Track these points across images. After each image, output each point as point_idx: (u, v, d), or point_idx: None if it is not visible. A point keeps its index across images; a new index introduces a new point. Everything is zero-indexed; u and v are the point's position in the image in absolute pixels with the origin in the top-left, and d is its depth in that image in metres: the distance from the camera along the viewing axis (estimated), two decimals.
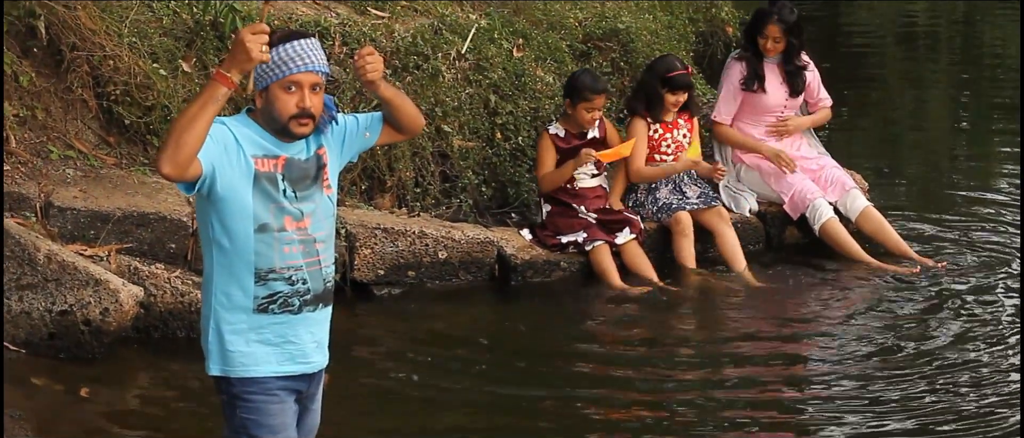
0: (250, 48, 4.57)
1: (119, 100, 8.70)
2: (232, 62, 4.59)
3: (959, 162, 12.74)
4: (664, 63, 9.54)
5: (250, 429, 4.89)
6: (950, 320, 8.48)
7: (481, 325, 8.64)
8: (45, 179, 8.20)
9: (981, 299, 8.83)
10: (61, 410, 7.02)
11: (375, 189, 9.45)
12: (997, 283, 9.10)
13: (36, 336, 7.40)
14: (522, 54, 10.20)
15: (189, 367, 7.40)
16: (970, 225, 10.38)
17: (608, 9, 11.15)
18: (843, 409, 7.21)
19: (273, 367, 4.88)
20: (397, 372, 7.74)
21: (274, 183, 4.79)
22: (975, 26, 20.58)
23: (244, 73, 4.63)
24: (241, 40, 4.58)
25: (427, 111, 9.54)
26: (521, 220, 9.69)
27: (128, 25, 8.89)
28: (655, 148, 9.47)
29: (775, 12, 9.67)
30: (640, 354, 8.12)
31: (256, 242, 4.78)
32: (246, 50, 4.57)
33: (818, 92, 10.00)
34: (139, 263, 7.90)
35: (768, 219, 9.85)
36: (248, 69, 4.63)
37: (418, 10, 10.36)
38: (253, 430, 4.89)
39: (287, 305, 4.86)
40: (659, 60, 9.67)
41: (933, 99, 15.87)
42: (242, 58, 4.59)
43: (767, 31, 9.68)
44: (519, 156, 9.80)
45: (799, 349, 8.24)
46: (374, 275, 8.75)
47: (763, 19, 9.73)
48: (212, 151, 4.66)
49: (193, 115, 4.53)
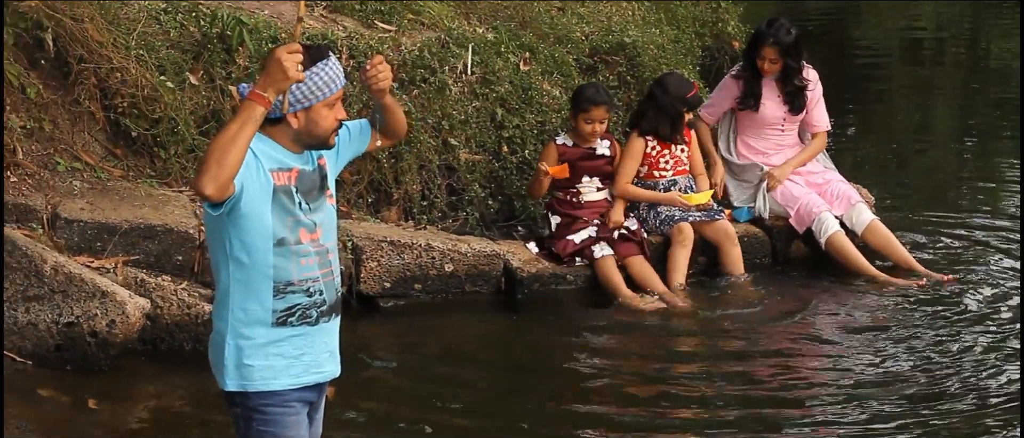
0: (287, 67, 4.58)
1: (126, 112, 8.71)
2: (268, 82, 4.59)
3: (965, 176, 12.74)
4: (682, 84, 9.49)
5: None
6: (957, 334, 8.47)
7: (487, 338, 8.64)
8: (52, 191, 8.21)
9: (988, 313, 8.82)
10: (67, 422, 7.02)
11: (381, 202, 9.46)
12: (1004, 296, 9.09)
13: (42, 347, 7.41)
14: (529, 68, 10.21)
15: (195, 379, 7.41)
16: (976, 238, 10.38)
17: (615, 23, 11.16)
18: (848, 423, 7.20)
19: (290, 379, 4.89)
20: (402, 385, 7.74)
21: (290, 196, 4.81)
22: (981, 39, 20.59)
23: (280, 92, 4.64)
24: (278, 59, 4.58)
25: (434, 124, 9.56)
26: (527, 233, 9.69)
27: (135, 37, 8.90)
28: (654, 165, 9.47)
29: (771, 34, 9.67)
30: (647, 367, 8.12)
31: (275, 256, 4.80)
32: (283, 70, 4.58)
33: (814, 112, 9.96)
34: (146, 275, 7.91)
35: (774, 233, 9.85)
36: (284, 88, 4.64)
37: (425, 24, 10.36)
38: None
39: (305, 317, 4.88)
40: (674, 81, 9.57)
41: (939, 113, 15.87)
42: (279, 77, 4.60)
43: (764, 52, 9.69)
44: (525, 169, 9.80)
45: (804, 364, 8.23)
46: (380, 288, 8.76)
47: (759, 40, 9.73)
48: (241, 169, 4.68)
49: (233, 135, 4.53)
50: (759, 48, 9.71)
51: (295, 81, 4.62)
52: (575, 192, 9.30)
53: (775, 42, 9.65)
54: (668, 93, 9.40)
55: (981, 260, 9.84)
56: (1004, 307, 8.93)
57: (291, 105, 4.75)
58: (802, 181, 9.83)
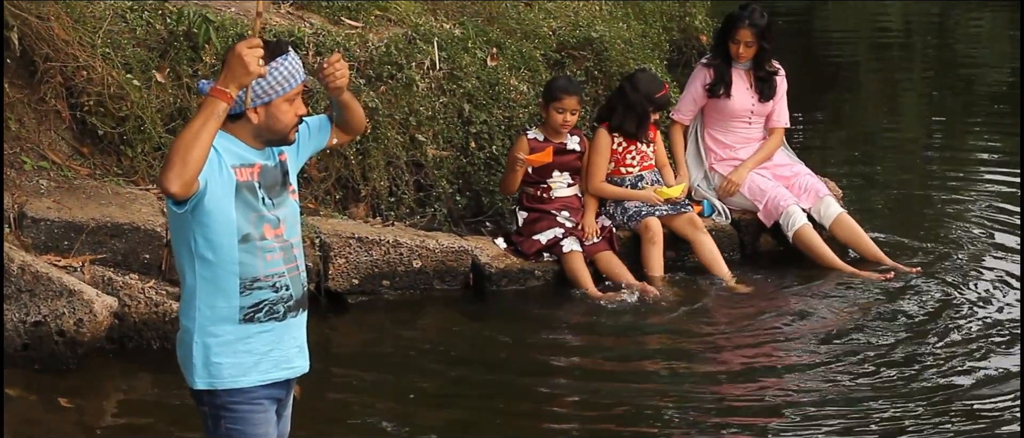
0: (248, 62, 4.58)
1: (93, 111, 8.69)
2: (230, 77, 4.59)
3: (933, 168, 12.78)
4: (649, 82, 9.50)
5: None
6: (924, 324, 8.51)
7: (456, 334, 8.65)
8: (18, 190, 8.19)
9: (954, 303, 8.86)
10: (35, 421, 7.02)
11: (349, 198, 9.45)
12: (971, 287, 9.13)
13: (10, 347, 7.40)
14: (496, 63, 10.21)
15: (164, 377, 7.40)
16: (943, 230, 10.42)
17: (582, 18, 11.16)
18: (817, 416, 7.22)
19: (260, 376, 4.89)
20: (371, 381, 7.75)
21: (253, 192, 4.81)
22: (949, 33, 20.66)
23: (242, 88, 4.63)
24: (239, 55, 4.57)
25: (401, 120, 9.55)
26: (495, 229, 9.70)
27: (101, 36, 8.88)
28: (620, 161, 9.48)
29: (746, 16, 9.70)
30: (614, 362, 8.13)
31: (240, 252, 4.79)
32: (244, 65, 4.58)
33: (777, 107, 9.98)
34: (113, 273, 7.89)
35: (742, 227, 9.87)
36: (246, 83, 4.63)
37: (392, 20, 10.36)
38: None
39: (273, 313, 4.88)
40: (642, 78, 9.58)
41: (907, 106, 15.92)
42: (240, 72, 4.59)
43: (738, 35, 9.72)
44: (493, 165, 9.80)
45: (772, 356, 8.25)
46: (348, 284, 8.76)
47: (734, 23, 9.76)
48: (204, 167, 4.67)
49: (196, 132, 4.53)
50: (734, 31, 9.73)
51: (257, 76, 4.62)
52: (545, 187, 9.31)
53: (751, 24, 9.68)
54: (638, 91, 9.41)
55: (948, 252, 9.87)
56: (973, 295, 8.97)
57: (252, 100, 4.75)
58: (770, 174, 9.85)
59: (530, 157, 9.11)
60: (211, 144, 4.57)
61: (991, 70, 17.53)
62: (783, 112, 10.01)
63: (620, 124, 9.42)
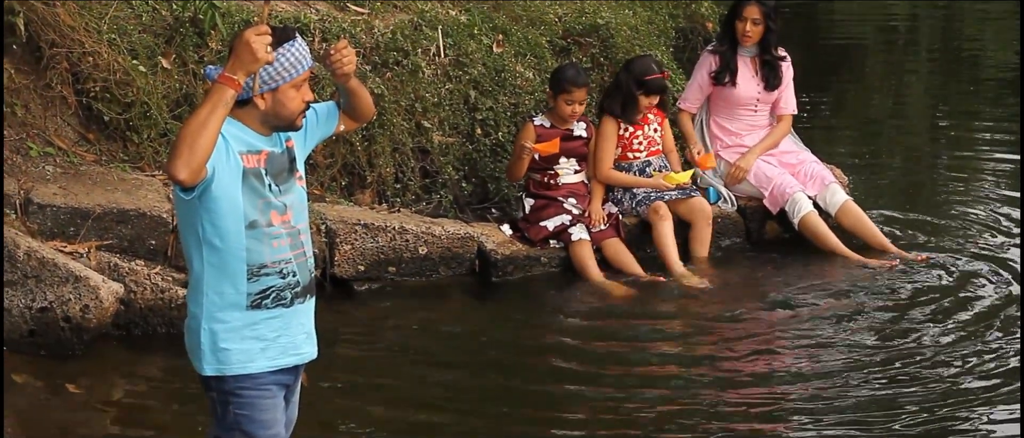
0: (256, 49, 4.59)
1: (99, 97, 8.69)
2: (238, 64, 4.60)
3: (939, 156, 12.77)
4: (641, 65, 9.52)
5: (243, 425, 4.92)
6: (930, 314, 8.49)
7: (461, 321, 8.64)
8: (24, 176, 8.19)
9: (961, 292, 8.85)
10: (42, 407, 7.02)
11: (355, 185, 9.45)
12: (976, 275, 9.12)
13: (16, 333, 7.40)
14: (502, 50, 10.20)
15: (170, 363, 7.41)
16: (949, 219, 10.41)
17: (588, 5, 11.15)
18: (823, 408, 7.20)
19: (267, 362, 4.91)
20: (377, 368, 7.74)
21: (260, 178, 4.82)
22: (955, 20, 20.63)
23: (250, 75, 4.64)
24: (246, 41, 4.59)
25: (407, 107, 9.55)
26: (501, 215, 9.70)
27: (107, 22, 8.87)
28: (627, 146, 9.48)
29: None
30: (621, 349, 8.12)
31: (247, 239, 4.81)
32: (252, 51, 4.59)
33: (784, 95, 9.98)
34: (119, 259, 7.90)
35: (748, 213, 9.87)
36: (254, 70, 4.64)
37: (397, 6, 10.35)
38: (247, 426, 4.92)
39: (280, 299, 4.89)
40: (637, 61, 9.63)
41: (913, 93, 15.91)
42: (248, 59, 4.60)
43: (746, 12, 9.71)
44: (499, 152, 9.80)
45: (778, 344, 8.23)
46: (354, 271, 8.76)
47: (742, 1, 9.75)
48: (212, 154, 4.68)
49: (203, 119, 4.54)
50: (741, 9, 9.73)
51: (265, 62, 4.62)
52: (553, 174, 9.30)
53: (759, 1, 9.67)
54: (629, 73, 9.44)
55: (954, 240, 9.87)
56: (978, 284, 8.96)
57: (259, 87, 4.76)
58: (776, 161, 9.85)
59: (537, 146, 9.11)
60: (219, 131, 4.57)
61: (997, 53, 17.50)
62: (791, 99, 10.00)
63: (610, 105, 9.44)
